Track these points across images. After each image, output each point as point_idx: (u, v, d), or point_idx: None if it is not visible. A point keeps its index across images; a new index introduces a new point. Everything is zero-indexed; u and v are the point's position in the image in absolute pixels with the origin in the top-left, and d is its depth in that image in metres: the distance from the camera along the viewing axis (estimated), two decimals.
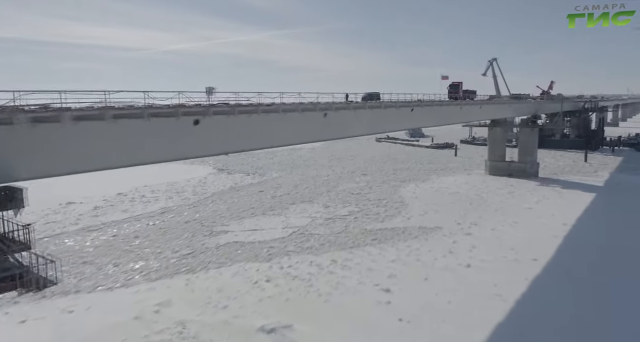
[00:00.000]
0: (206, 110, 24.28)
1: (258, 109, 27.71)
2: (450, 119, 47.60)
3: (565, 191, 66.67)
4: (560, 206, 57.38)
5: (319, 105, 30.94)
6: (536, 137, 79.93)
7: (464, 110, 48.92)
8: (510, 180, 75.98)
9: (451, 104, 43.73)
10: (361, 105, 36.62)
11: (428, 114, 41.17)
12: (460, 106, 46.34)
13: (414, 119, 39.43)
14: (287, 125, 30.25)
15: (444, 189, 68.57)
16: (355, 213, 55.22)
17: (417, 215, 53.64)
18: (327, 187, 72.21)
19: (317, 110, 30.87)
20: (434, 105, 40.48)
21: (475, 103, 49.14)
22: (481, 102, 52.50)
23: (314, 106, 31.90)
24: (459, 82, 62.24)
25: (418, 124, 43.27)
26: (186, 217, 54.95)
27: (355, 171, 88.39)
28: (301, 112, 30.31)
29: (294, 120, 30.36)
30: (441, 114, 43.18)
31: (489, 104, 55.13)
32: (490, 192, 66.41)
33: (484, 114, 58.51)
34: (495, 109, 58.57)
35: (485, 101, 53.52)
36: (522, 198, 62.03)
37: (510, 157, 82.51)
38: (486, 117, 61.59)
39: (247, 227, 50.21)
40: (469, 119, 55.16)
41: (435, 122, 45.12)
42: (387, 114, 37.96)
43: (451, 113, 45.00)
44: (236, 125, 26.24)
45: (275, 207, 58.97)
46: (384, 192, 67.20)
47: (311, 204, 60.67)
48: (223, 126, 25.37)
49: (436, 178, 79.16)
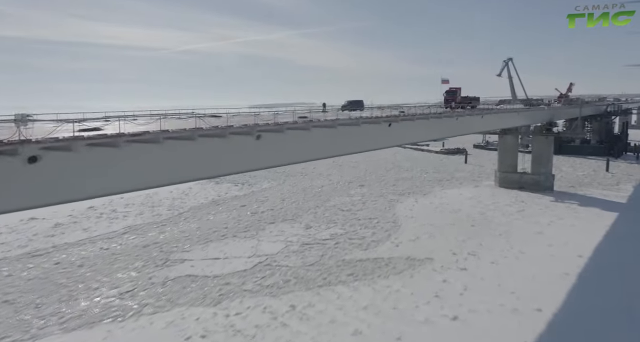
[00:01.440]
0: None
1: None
2: (445, 132, 40.55)
3: (582, 209, 58.78)
4: (576, 229, 49.72)
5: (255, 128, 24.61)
6: (551, 146, 71.97)
7: (462, 122, 41.86)
8: (521, 194, 68.27)
9: (440, 117, 36.70)
10: (329, 123, 29.88)
11: (412, 129, 34.34)
12: (455, 117, 39.31)
13: (393, 135, 32.61)
14: None
15: (445, 206, 61.27)
16: (338, 237, 48.44)
17: (408, 240, 46.61)
18: (317, 202, 65.54)
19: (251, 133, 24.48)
20: (416, 119, 33.45)
21: (472, 113, 41.87)
22: (481, 112, 45.10)
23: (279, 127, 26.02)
24: (457, 88, 54.95)
25: (400, 140, 36.28)
26: (147, 240, 48.88)
27: (353, 181, 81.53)
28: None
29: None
30: (430, 127, 36.29)
31: (492, 113, 47.75)
32: (497, 210, 58.91)
33: (488, 125, 51.26)
34: (500, 119, 51.22)
35: (486, 110, 46.15)
36: (533, 218, 54.43)
37: (522, 167, 74.67)
38: (491, 128, 54.15)
39: (210, 254, 43.85)
40: (470, 130, 47.93)
41: (423, 136, 38.25)
42: (361, 132, 31.14)
43: (444, 125, 38.05)
44: None
45: (251, 228, 52.53)
46: (377, 209, 60.23)
47: (292, 223, 54.06)
48: None
49: (439, 191, 71.84)
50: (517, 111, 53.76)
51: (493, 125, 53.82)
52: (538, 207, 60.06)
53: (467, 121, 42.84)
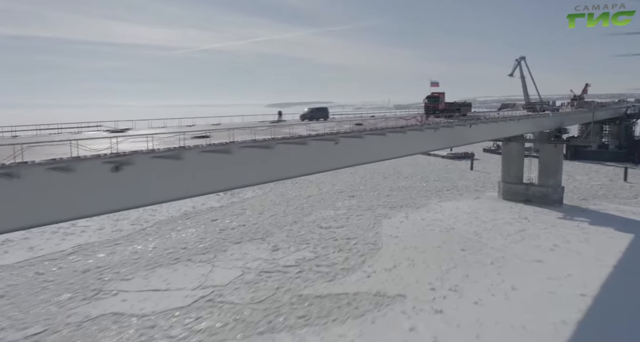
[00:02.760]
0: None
1: None
2: (421, 146, 33.95)
3: (593, 229, 51.53)
4: (583, 257, 42.72)
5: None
6: (560, 155, 64.69)
7: (445, 134, 35.20)
8: (526, 209, 61.19)
9: (411, 130, 30.06)
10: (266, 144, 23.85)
11: (381, 144, 27.91)
12: (434, 129, 32.71)
13: (349, 155, 26.31)
14: None
15: (437, 223, 54.57)
16: (305, 263, 42.30)
17: (384, 269, 40.21)
18: (297, 216, 59.48)
19: None
20: (387, 132, 26.95)
21: (451, 124, 34.99)
22: (465, 122, 37.95)
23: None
24: (440, 93, 48.16)
25: (363, 159, 29.78)
26: (92, 263, 43.47)
27: (345, 191, 75.26)
28: None
29: None
30: (402, 142, 29.78)
31: (482, 123, 40.76)
32: (494, 229, 52.04)
33: (482, 135, 44.44)
34: (497, 128, 44.25)
35: (474, 120, 39.11)
36: (534, 241, 47.49)
37: (529, 177, 67.43)
38: (487, 138, 47.11)
39: (151, 284, 38.15)
40: (457, 142, 41.21)
41: (395, 152, 31.72)
42: (310, 151, 25.02)
43: (420, 139, 31.45)
44: None
45: (212, 249, 46.73)
46: (359, 227, 53.88)
47: (260, 244, 48.09)
48: None
49: (436, 204, 65.10)
50: (516, 119, 46.75)
51: (489, 135, 46.93)
52: (542, 226, 52.95)
53: (453, 133, 36.13)
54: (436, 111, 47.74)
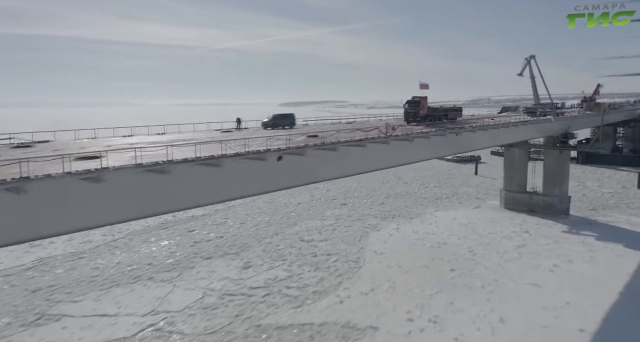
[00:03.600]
0: None
1: None
2: (397, 159, 29.61)
3: (600, 245, 46.85)
4: (587, 279, 38.22)
5: None
6: (567, 162, 59.85)
7: (431, 144, 30.88)
8: (528, 220, 56.59)
9: (374, 142, 25.77)
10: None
11: (345, 159, 23.88)
12: (409, 140, 28.39)
13: (293, 174, 22.26)
14: None
15: (429, 237, 50.28)
16: (275, 284, 38.42)
17: (360, 293, 36.13)
18: (280, 227, 55.63)
19: None
20: (326, 149, 22.62)
21: (427, 135, 30.46)
22: (453, 130, 33.27)
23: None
24: (421, 98, 43.56)
25: (309, 179, 25.49)
26: (45, 281, 40.12)
27: (337, 198, 71.22)
28: None
29: None
30: (366, 156, 25.69)
31: (468, 131, 36.08)
32: (491, 244, 47.62)
33: (473, 143, 39.90)
34: (489, 137, 39.56)
35: (456, 129, 34.42)
36: (533, 260, 43.03)
37: (533, 186, 62.70)
38: (479, 147, 42.50)
39: (100, 308, 34.56)
40: (444, 153, 36.72)
41: (353, 168, 27.41)
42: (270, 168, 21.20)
43: (392, 152, 27.19)
44: None
45: (179, 265, 43.08)
46: (344, 240, 49.85)
47: (232, 260, 44.35)
48: None
49: (431, 214, 60.75)
50: (509, 125, 42.12)
51: (484, 143, 42.34)
52: (544, 241, 48.37)
53: (440, 142, 31.80)
54: (417, 118, 43.35)
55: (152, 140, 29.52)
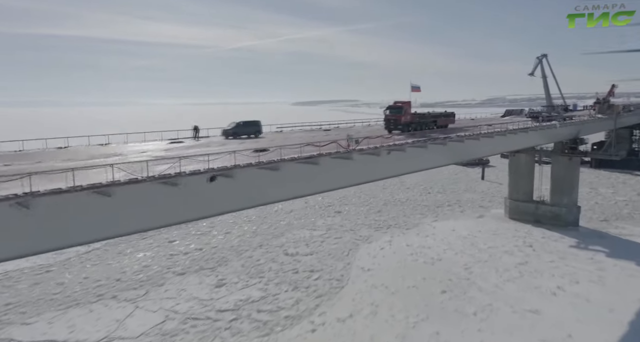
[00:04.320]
0: None
1: None
2: (364, 175, 25.69)
3: (611, 263, 42.66)
4: (593, 305, 34.18)
5: None
6: (577, 169, 55.52)
7: (407, 156, 27.07)
8: (534, 232, 52.51)
9: (337, 157, 22.02)
10: None
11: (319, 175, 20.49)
12: (387, 151, 24.77)
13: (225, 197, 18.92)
14: None
15: (424, 252, 46.50)
16: (247, 305, 35.07)
17: (336, 320, 32.58)
18: (265, 237, 52.36)
19: None
20: (267, 168, 19.13)
21: (401, 148, 26.46)
22: (423, 143, 28.92)
23: None
24: (403, 103, 39.41)
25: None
26: (4, 298, 37.52)
27: (333, 205, 67.72)
28: None
29: None
30: (340, 172, 22.12)
31: (457, 140, 31.97)
32: (490, 261, 43.73)
33: (469, 152, 35.85)
34: (486, 145, 35.33)
35: (439, 139, 30.18)
36: (535, 280, 39.07)
37: (539, 195, 58.47)
38: (478, 155, 38.27)
39: (51, 331, 31.67)
40: (426, 166, 32.64)
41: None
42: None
43: (357, 168, 23.43)
44: None
45: (148, 282, 40.01)
46: (332, 254, 46.37)
47: (206, 276, 41.14)
48: None
49: (429, 224, 56.92)
50: (506, 134, 37.83)
51: (483, 151, 38.17)
52: (549, 258, 44.33)
53: (425, 154, 27.99)
54: (398, 125, 39.62)
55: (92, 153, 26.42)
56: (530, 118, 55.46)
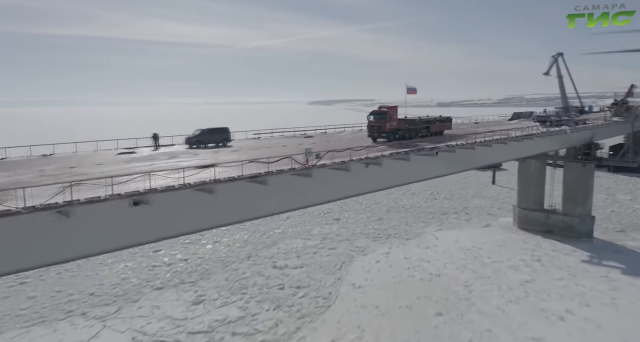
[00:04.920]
0: None
1: None
2: (326, 194, 22.53)
3: (626, 282, 38.93)
4: (605, 332, 30.70)
5: None
6: (591, 176, 51.66)
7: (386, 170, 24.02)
8: (543, 245, 48.89)
9: (296, 174, 19.21)
10: None
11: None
12: (366, 164, 21.67)
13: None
14: None
15: (422, 266, 43.22)
16: (222, 327, 32.33)
17: None
18: (256, 247, 49.66)
19: None
20: (204, 191, 16.29)
21: (375, 162, 23.09)
22: (422, 152, 25.75)
23: None
24: (389, 108, 35.62)
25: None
26: None
27: (332, 211, 64.67)
28: None
29: None
30: (297, 190, 19.26)
31: (449, 151, 28.65)
32: (494, 277, 40.33)
33: (470, 162, 32.43)
34: (489, 153, 31.78)
35: (425, 150, 26.77)
36: (541, 301, 35.60)
37: (551, 204, 54.74)
38: (484, 163, 34.65)
39: None
40: (416, 177, 29.39)
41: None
42: None
43: (317, 186, 20.45)
44: None
45: (123, 297, 37.53)
46: (323, 267, 43.42)
47: (185, 291, 38.49)
48: None
49: (432, 233, 53.59)
50: (507, 142, 34.24)
51: (479, 162, 34.63)
52: (558, 274, 40.75)
53: (410, 167, 24.89)
54: (382, 133, 35.35)
55: None
56: (538, 122, 51.66)
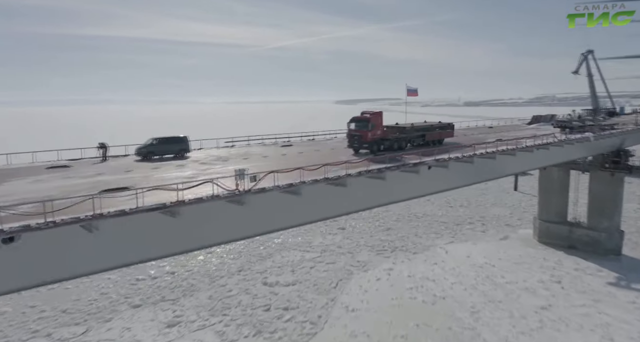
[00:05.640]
0: None
1: None
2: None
3: None
4: None
5: None
6: (620, 187, 46.60)
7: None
8: (565, 263, 44.23)
9: (229, 202, 15.96)
10: None
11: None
12: (295, 193, 17.98)
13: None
14: None
15: (426, 286, 39.15)
16: None
17: None
18: (248, 260, 46.44)
19: None
20: (102, 221, 13.21)
21: (337, 183, 19.34)
22: (407, 168, 21.76)
23: None
24: (373, 114, 31.03)
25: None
26: None
27: (337, 220, 60.64)
28: None
29: None
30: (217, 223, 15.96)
31: (441, 166, 24.41)
32: (506, 301, 36.02)
33: (457, 180, 27.96)
34: (470, 171, 27.11)
35: (407, 166, 22.55)
36: (558, 333, 31.26)
37: (574, 216, 49.88)
38: (466, 183, 30.02)
39: None
40: (403, 196, 25.06)
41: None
42: None
43: (249, 215, 16.95)
44: None
45: (95, 315, 34.73)
46: (317, 285, 39.84)
47: (163, 310, 35.45)
48: None
49: (442, 247, 49.38)
50: (515, 153, 29.67)
51: (478, 177, 29.91)
52: (580, 300, 36.15)
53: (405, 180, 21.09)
54: (364, 144, 30.27)
55: None
56: (558, 127, 46.73)
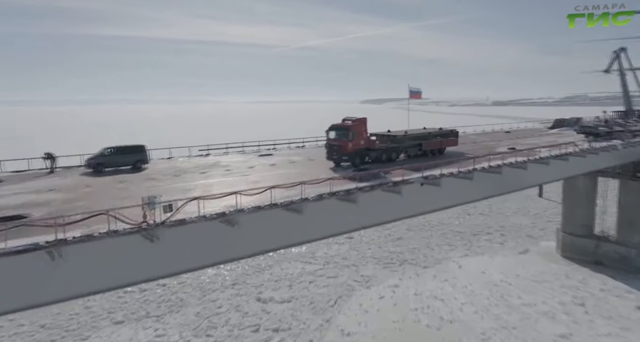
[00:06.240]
0: None
1: None
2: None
3: None
4: None
5: None
6: None
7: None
8: (590, 281, 40.14)
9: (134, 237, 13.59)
10: None
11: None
12: (231, 225, 14.95)
13: None
14: None
15: (433, 307, 35.71)
16: None
17: None
18: (245, 272, 43.84)
19: None
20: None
21: (296, 210, 16.52)
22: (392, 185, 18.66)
23: None
24: (355, 121, 27.24)
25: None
26: None
27: None
28: None
29: None
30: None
31: (434, 183, 20.78)
32: (521, 327, 32.34)
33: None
34: (470, 189, 23.13)
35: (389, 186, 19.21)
36: None
37: (602, 229, 45.60)
38: (462, 201, 26.04)
39: None
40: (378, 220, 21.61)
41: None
42: None
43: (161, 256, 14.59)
44: None
45: (72, 332, 32.65)
46: (313, 303, 36.84)
47: (143, 329, 33.06)
48: None
49: (455, 261, 45.77)
50: (526, 166, 25.78)
51: (479, 194, 26.09)
52: (606, 327, 32.21)
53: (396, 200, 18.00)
54: (343, 155, 26.43)
55: None
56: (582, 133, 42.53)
